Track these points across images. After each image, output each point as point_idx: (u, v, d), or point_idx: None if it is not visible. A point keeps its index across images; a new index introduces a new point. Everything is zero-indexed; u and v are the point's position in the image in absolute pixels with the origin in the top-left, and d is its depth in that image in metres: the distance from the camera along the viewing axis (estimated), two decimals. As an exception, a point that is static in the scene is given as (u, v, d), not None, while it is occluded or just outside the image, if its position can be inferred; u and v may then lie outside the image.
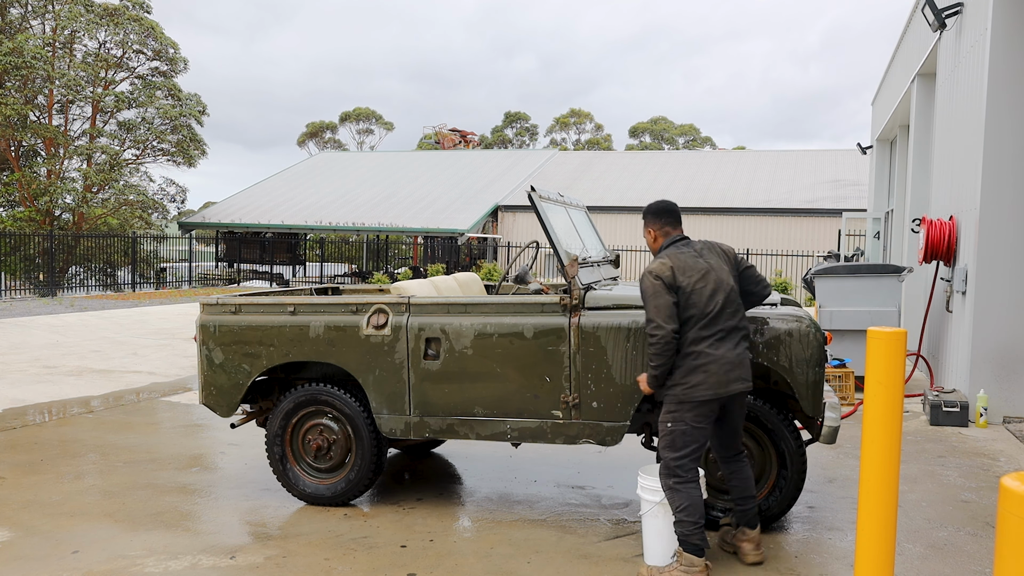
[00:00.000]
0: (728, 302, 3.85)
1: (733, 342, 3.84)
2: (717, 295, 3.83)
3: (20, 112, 24.44)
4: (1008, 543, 1.81)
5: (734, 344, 3.84)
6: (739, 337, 3.88)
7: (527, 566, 4.00)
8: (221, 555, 4.14)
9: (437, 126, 51.79)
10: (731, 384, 3.79)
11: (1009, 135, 7.23)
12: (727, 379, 3.78)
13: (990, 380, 7.31)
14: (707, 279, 3.84)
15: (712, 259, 3.93)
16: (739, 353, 3.84)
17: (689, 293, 3.81)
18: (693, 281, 3.82)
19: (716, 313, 3.81)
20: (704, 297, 3.81)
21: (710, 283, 3.83)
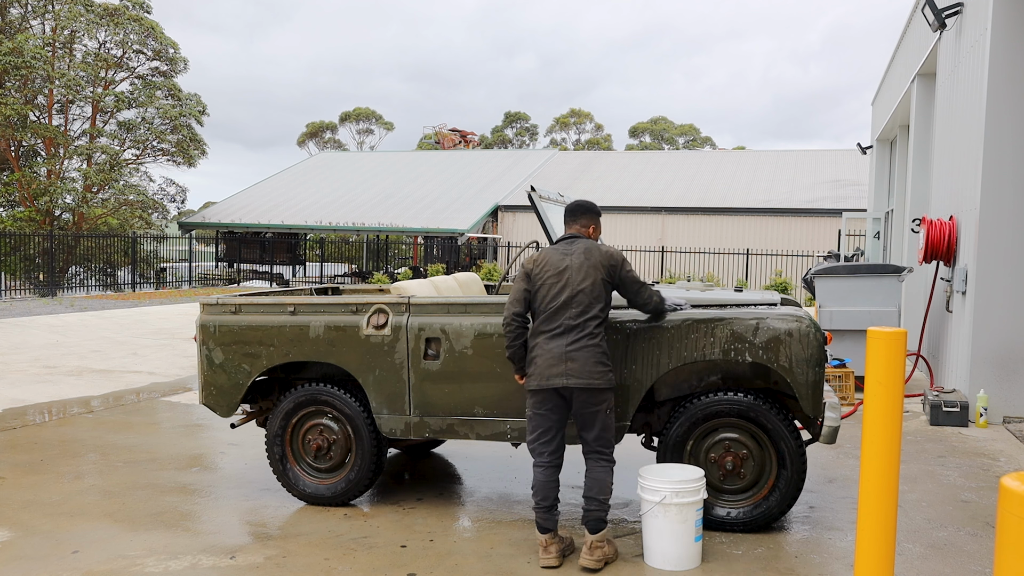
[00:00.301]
0: (573, 302, 3.98)
1: (567, 339, 3.96)
2: (562, 293, 4.00)
3: (20, 112, 24.44)
4: (1008, 543, 1.81)
5: (568, 342, 3.95)
6: (577, 336, 3.96)
7: (527, 566, 4.00)
8: (221, 555, 4.14)
9: (437, 126, 51.82)
10: (552, 378, 3.94)
11: (1009, 135, 7.23)
12: (548, 372, 3.95)
13: (990, 380, 7.31)
14: (560, 276, 4.02)
15: (576, 260, 4.04)
16: (569, 351, 3.94)
17: (538, 287, 4.05)
18: (546, 276, 4.04)
19: (555, 309, 3.99)
20: (550, 293, 4.01)
21: (561, 281, 4.01)
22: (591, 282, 3.99)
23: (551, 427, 4.05)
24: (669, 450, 4.46)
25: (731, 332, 4.34)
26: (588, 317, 3.98)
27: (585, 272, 4.00)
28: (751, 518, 4.42)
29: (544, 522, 4.01)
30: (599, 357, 3.97)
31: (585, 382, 3.93)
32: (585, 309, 3.98)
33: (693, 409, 4.42)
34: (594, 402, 3.98)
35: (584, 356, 3.94)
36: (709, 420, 4.43)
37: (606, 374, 3.98)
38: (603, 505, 4.01)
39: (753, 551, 4.20)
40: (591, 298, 3.99)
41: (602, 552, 3.96)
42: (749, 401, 4.37)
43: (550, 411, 4.03)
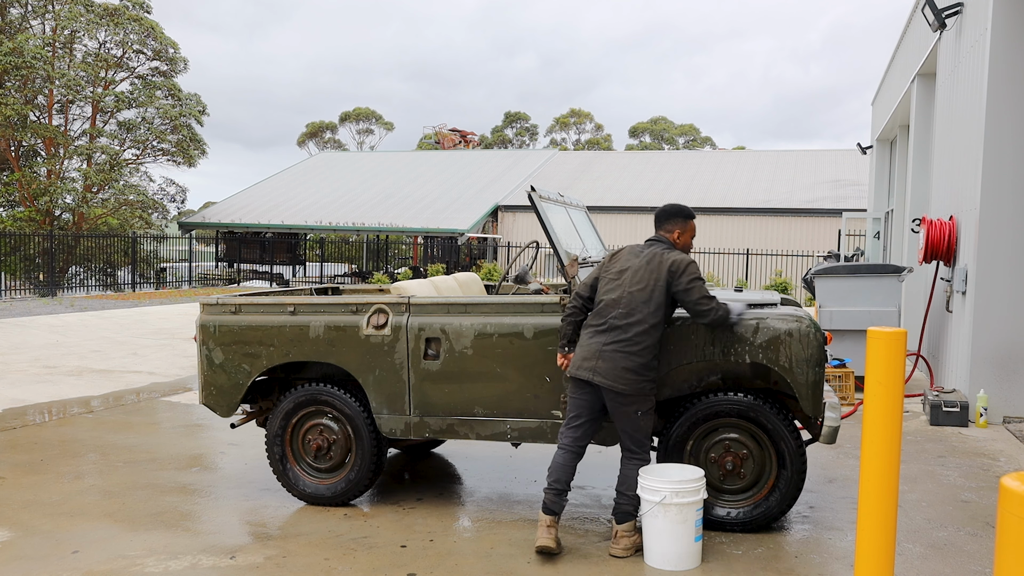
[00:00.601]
0: (621, 303, 4.07)
1: (606, 338, 4.07)
2: (614, 292, 4.11)
3: (20, 112, 24.45)
4: (1008, 543, 1.81)
5: (606, 340, 4.06)
6: (617, 337, 4.04)
7: (527, 566, 4.00)
8: (221, 555, 4.14)
9: (437, 126, 51.83)
10: (581, 369, 4.09)
11: (1009, 135, 7.23)
12: (581, 363, 4.10)
13: (990, 380, 7.31)
14: (620, 275, 4.15)
15: (639, 262, 4.13)
16: (604, 350, 4.05)
17: (602, 280, 4.22)
18: (610, 271, 4.20)
19: (605, 306, 4.13)
20: (605, 288, 4.17)
21: (618, 279, 4.13)
22: (646, 288, 4.05)
23: (579, 414, 4.17)
24: (669, 450, 4.46)
25: (731, 332, 4.34)
26: (632, 321, 4.04)
27: (642, 276, 4.08)
28: (751, 518, 4.42)
29: (551, 504, 4.10)
30: (632, 363, 4.02)
31: (610, 383, 4.02)
32: (630, 312, 4.05)
33: (693, 409, 4.42)
34: (622, 403, 4.07)
35: (616, 358, 4.03)
36: (709, 420, 4.43)
37: (637, 382, 4.03)
38: (631, 499, 4.12)
39: (753, 551, 4.20)
40: (640, 303, 4.05)
41: (628, 541, 4.11)
42: (749, 401, 4.37)
43: (581, 398, 4.15)
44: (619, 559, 4.07)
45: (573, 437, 4.19)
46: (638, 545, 4.13)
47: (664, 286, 4.06)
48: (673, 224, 4.29)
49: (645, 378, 4.07)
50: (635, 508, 4.13)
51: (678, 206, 4.32)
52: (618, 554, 4.09)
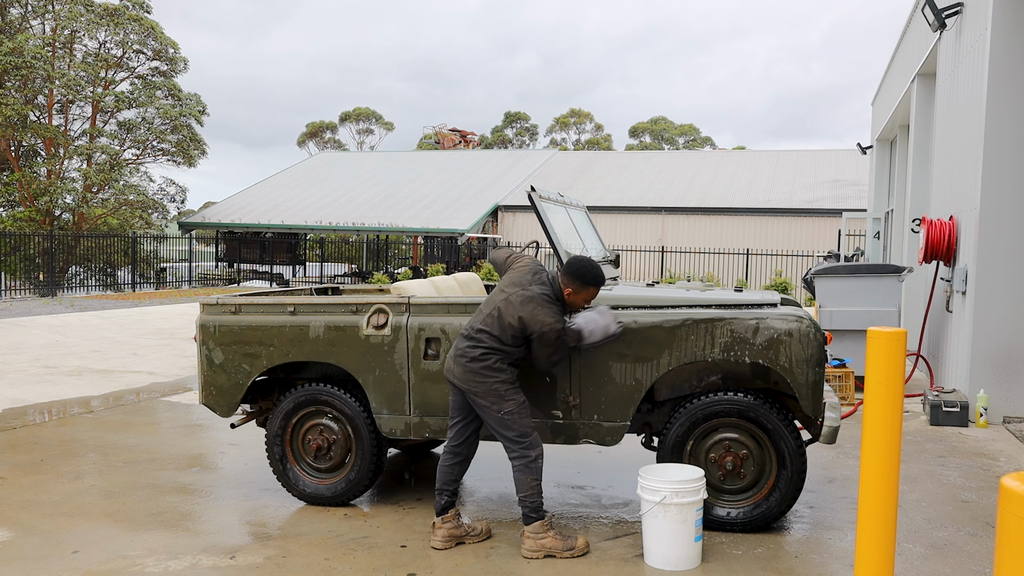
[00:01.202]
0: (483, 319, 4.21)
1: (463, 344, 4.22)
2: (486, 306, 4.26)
3: (20, 112, 24.45)
4: (1008, 543, 1.81)
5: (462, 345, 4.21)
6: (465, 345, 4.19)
7: (527, 566, 4.00)
8: (221, 555, 4.14)
9: (437, 126, 51.83)
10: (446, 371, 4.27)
11: (1009, 135, 7.23)
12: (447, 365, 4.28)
13: (990, 380, 7.31)
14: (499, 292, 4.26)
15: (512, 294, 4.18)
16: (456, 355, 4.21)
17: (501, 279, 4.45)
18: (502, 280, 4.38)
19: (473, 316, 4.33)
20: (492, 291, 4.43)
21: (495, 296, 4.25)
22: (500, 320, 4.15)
23: (453, 414, 4.34)
24: (669, 450, 4.46)
25: (731, 332, 4.34)
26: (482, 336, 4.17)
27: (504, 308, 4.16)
28: (751, 518, 4.42)
29: (436, 506, 4.29)
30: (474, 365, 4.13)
31: (463, 385, 4.17)
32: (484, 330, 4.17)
33: (693, 409, 4.42)
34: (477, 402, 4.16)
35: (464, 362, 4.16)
36: (709, 420, 4.43)
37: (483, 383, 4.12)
38: (524, 502, 4.14)
39: (753, 551, 4.20)
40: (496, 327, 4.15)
41: (533, 543, 4.10)
42: (749, 401, 4.37)
43: (453, 398, 4.32)
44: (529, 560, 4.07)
45: (450, 442, 4.32)
46: (549, 549, 4.08)
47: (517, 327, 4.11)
48: (569, 281, 4.16)
49: (494, 379, 4.12)
50: (532, 510, 4.11)
51: (589, 270, 4.14)
52: (525, 555, 4.10)
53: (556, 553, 4.08)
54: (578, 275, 4.15)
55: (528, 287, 4.17)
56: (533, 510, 4.13)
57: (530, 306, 4.10)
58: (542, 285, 4.19)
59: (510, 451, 4.17)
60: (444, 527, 4.23)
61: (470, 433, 4.31)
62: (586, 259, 4.20)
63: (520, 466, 4.14)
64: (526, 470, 4.13)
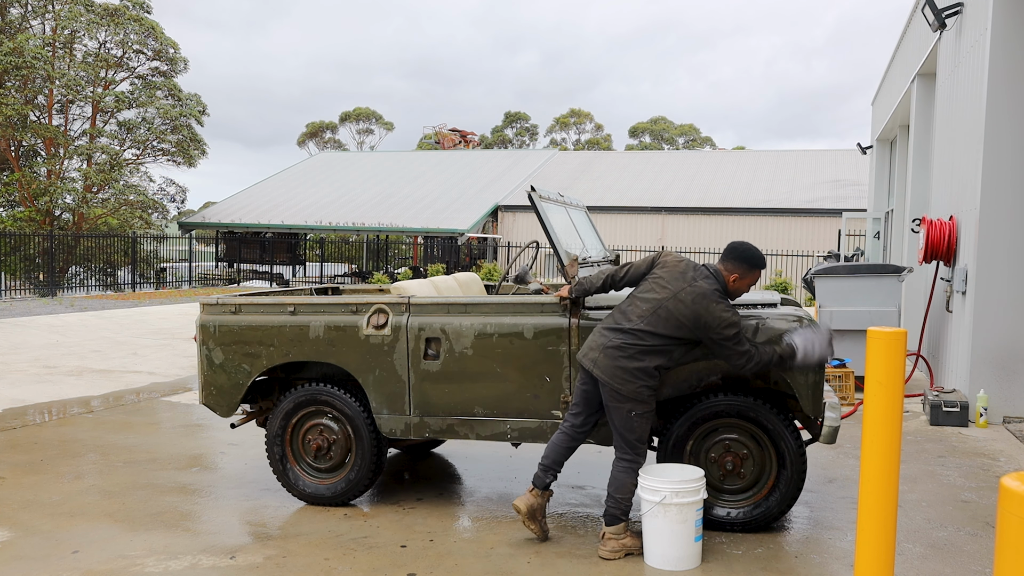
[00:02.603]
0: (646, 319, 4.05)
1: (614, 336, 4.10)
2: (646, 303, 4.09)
3: (20, 112, 24.45)
4: (1008, 543, 1.81)
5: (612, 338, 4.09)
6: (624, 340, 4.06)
7: (527, 566, 4.00)
8: (221, 555, 4.14)
9: (437, 126, 51.83)
10: (583, 357, 4.18)
11: (1009, 135, 7.23)
12: (584, 351, 4.19)
13: (990, 380, 7.31)
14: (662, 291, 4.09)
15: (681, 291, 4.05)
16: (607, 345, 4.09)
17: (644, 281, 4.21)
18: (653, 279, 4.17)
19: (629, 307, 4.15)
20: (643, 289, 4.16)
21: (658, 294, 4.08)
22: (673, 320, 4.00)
23: (577, 402, 4.25)
24: (669, 450, 4.46)
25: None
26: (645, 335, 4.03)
27: (674, 306, 4.01)
28: (751, 518, 4.42)
29: (535, 478, 4.26)
30: (630, 364, 4.02)
31: (606, 377, 4.06)
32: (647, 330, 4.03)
33: (693, 409, 4.42)
34: (615, 399, 4.07)
35: (615, 356, 4.04)
36: (709, 420, 4.43)
37: (630, 382, 4.03)
38: (618, 502, 4.11)
39: (753, 551, 4.20)
40: (662, 327, 4.01)
41: (616, 543, 4.09)
42: (749, 401, 4.37)
43: (582, 387, 4.22)
44: (608, 560, 4.06)
45: (571, 423, 4.27)
46: (629, 549, 4.10)
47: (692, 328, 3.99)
48: (736, 266, 4.10)
49: (642, 383, 4.04)
50: (622, 512, 4.11)
51: (755, 251, 4.13)
52: (604, 555, 4.08)
53: (634, 551, 4.11)
54: (744, 258, 4.12)
55: (695, 283, 4.02)
56: (624, 512, 4.13)
57: (704, 302, 3.96)
58: (708, 279, 4.06)
59: (622, 451, 4.15)
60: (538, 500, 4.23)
61: (594, 422, 4.29)
62: (746, 242, 4.21)
63: (626, 468, 4.14)
64: (631, 473, 4.13)
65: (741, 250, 4.13)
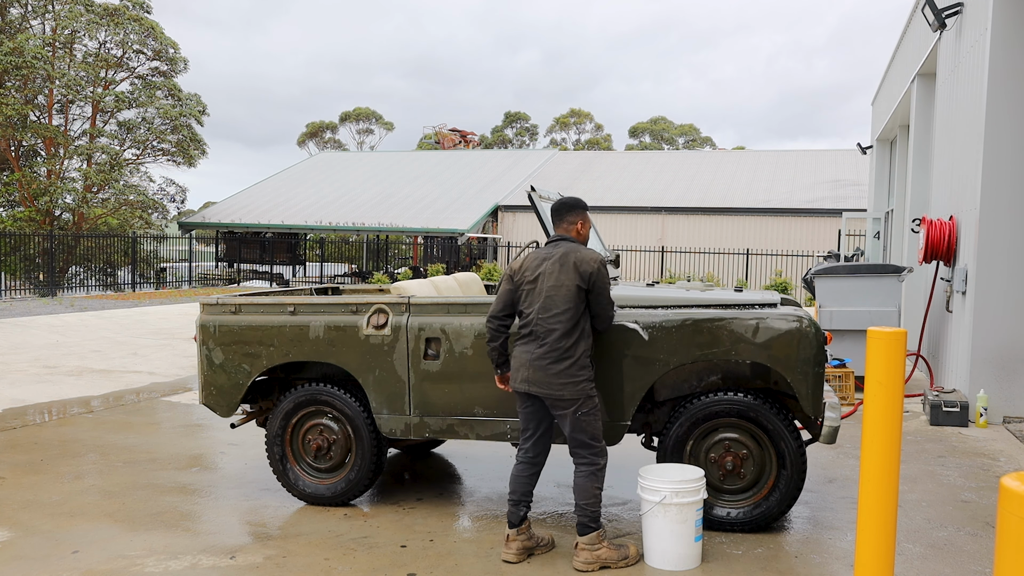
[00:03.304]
0: (544, 308, 3.96)
1: (534, 346, 3.97)
2: (536, 300, 3.99)
3: (20, 112, 24.44)
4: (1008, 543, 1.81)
5: (533, 348, 3.97)
6: (541, 343, 3.94)
7: (527, 566, 4.00)
8: (221, 555, 4.14)
9: (437, 126, 51.83)
10: (518, 382, 4.03)
11: (1009, 135, 7.23)
12: (516, 376, 4.04)
13: (990, 380, 7.31)
14: (535, 282, 4.02)
15: (550, 265, 3.99)
16: (533, 358, 3.94)
17: (519, 292, 4.10)
18: (525, 280, 4.06)
19: (528, 315, 4.02)
20: (527, 299, 4.05)
21: (536, 286, 4.01)
22: (563, 289, 3.94)
23: (527, 427, 4.14)
24: (669, 450, 4.46)
25: (731, 332, 4.34)
26: (552, 326, 3.93)
27: (556, 278, 3.95)
28: (751, 518, 4.42)
29: (511, 516, 4.09)
30: (563, 366, 3.91)
31: (545, 391, 3.95)
32: (557, 314, 3.93)
33: (693, 409, 4.42)
34: (560, 407, 3.97)
35: (544, 364, 3.92)
36: (709, 420, 4.43)
37: (569, 385, 3.91)
38: (583, 509, 3.97)
39: (753, 551, 4.20)
40: (561, 303, 3.93)
41: (589, 555, 3.93)
42: (749, 401, 4.37)
43: (525, 411, 4.11)
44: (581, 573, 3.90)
45: (524, 449, 4.14)
46: (604, 561, 3.93)
47: (580, 284, 3.93)
48: (574, 216, 4.12)
49: (580, 378, 3.94)
50: (591, 519, 3.96)
51: (572, 199, 4.16)
52: (578, 567, 3.92)
53: (611, 564, 3.94)
54: (575, 206, 4.15)
55: (554, 251, 4.02)
56: (593, 520, 3.97)
57: (574, 252, 3.97)
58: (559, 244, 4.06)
59: (578, 456, 4.01)
60: (519, 539, 4.05)
61: (547, 441, 4.16)
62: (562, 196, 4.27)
63: (587, 472, 3.99)
64: (592, 477, 3.98)
65: (569, 203, 4.15)
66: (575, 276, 3.94)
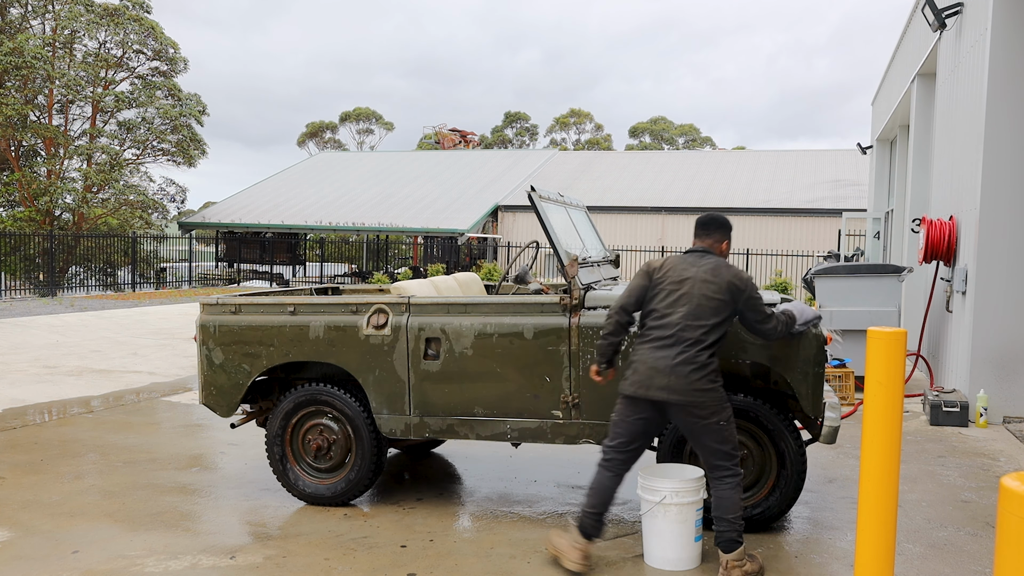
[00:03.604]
0: (691, 315, 3.86)
1: (675, 351, 3.83)
2: (680, 304, 3.88)
3: (20, 112, 24.44)
4: (1008, 543, 1.81)
5: (675, 354, 3.82)
6: (684, 349, 3.82)
7: (527, 566, 4.00)
8: (221, 555, 4.14)
9: (437, 126, 51.82)
10: (653, 389, 3.83)
11: (1009, 135, 7.23)
12: (650, 383, 3.85)
13: (990, 380, 7.31)
14: (681, 285, 3.92)
15: (702, 273, 3.92)
16: (675, 364, 3.81)
17: (656, 291, 3.98)
18: (667, 281, 3.96)
19: (670, 318, 3.88)
20: (667, 300, 3.93)
21: (680, 289, 3.90)
22: (714, 301, 3.87)
23: (633, 439, 3.97)
24: (669, 450, 4.46)
25: (731, 332, 4.33)
26: (701, 334, 3.85)
27: (710, 288, 3.88)
28: (751, 518, 4.42)
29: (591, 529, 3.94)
30: (705, 373, 3.82)
31: (687, 399, 3.80)
32: (700, 325, 3.85)
33: (693, 409, 4.41)
34: (697, 415, 3.81)
35: (686, 372, 3.80)
36: (709, 420, 4.43)
37: (709, 392, 3.81)
38: (732, 524, 3.81)
39: (753, 551, 4.20)
40: (709, 315, 3.86)
41: (740, 572, 3.78)
42: (749, 401, 4.37)
43: (637, 421, 3.94)
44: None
45: (620, 461, 3.97)
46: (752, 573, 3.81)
47: (727, 299, 3.88)
48: (721, 235, 4.11)
49: (719, 386, 3.85)
50: (739, 534, 3.80)
51: (723, 218, 4.17)
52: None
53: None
54: (724, 225, 4.14)
55: (702, 262, 3.97)
56: (740, 534, 3.82)
57: (726, 269, 3.93)
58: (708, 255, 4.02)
59: (721, 468, 3.85)
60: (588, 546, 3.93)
61: (641, 450, 4.03)
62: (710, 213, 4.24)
63: (733, 484, 3.84)
64: (738, 488, 3.83)
65: (720, 220, 4.15)
66: (727, 292, 3.89)
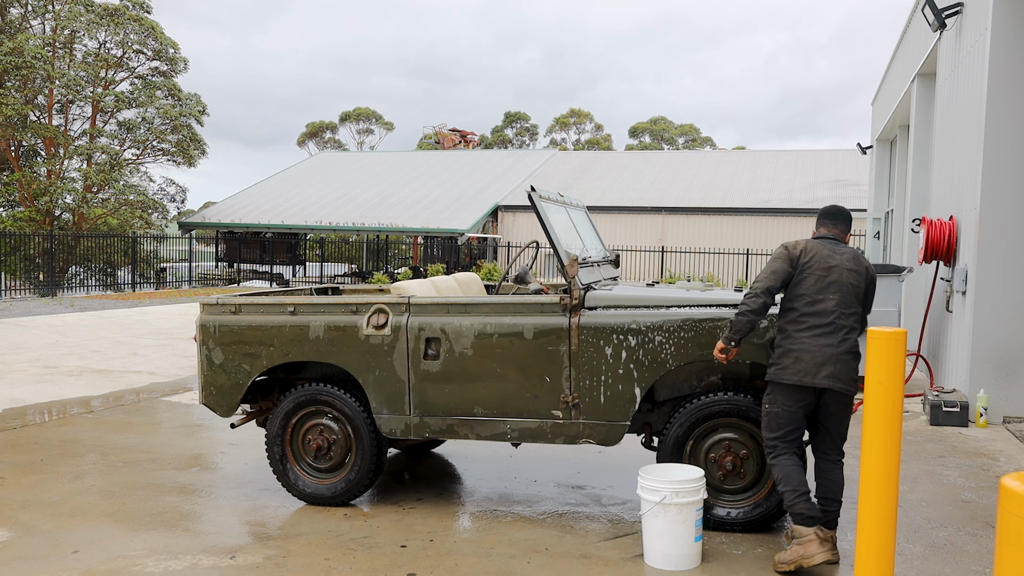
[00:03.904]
0: (844, 303, 3.95)
1: (837, 339, 3.91)
2: (833, 290, 3.95)
3: (20, 112, 24.43)
4: (1008, 543, 1.81)
5: (838, 341, 3.91)
6: (845, 336, 3.93)
7: (527, 566, 4.00)
8: (221, 555, 4.14)
9: (437, 126, 51.83)
10: (819, 377, 3.89)
11: (1009, 135, 7.23)
12: (817, 370, 3.89)
13: (990, 380, 7.31)
14: (830, 272, 3.98)
15: (847, 261, 4.02)
16: (840, 351, 3.90)
17: (804, 276, 3.98)
18: (814, 267, 3.98)
19: (823, 303, 3.94)
20: (817, 285, 3.97)
21: (830, 276, 3.97)
22: (858, 289, 4.01)
23: (798, 426, 4.04)
24: (669, 450, 4.46)
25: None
26: (853, 321, 3.99)
27: (856, 276, 4.01)
28: (751, 518, 4.43)
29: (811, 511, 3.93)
30: (858, 362, 3.97)
31: (847, 388, 3.94)
32: (854, 312, 4.00)
33: (693, 409, 4.42)
34: (846, 403, 4.02)
35: (849, 360, 3.93)
36: (709, 420, 4.44)
37: (857, 380, 3.96)
38: (840, 504, 4.06)
39: (753, 551, 4.20)
40: (857, 301, 4.01)
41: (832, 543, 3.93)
42: (749, 401, 4.37)
43: (801, 407, 4.01)
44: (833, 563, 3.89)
45: (798, 445, 4.07)
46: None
47: (864, 287, 4.05)
48: (847, 227, 4.23)
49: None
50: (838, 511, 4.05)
51: (848, 212, 4.28)
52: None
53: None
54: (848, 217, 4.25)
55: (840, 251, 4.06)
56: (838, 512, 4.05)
57: (862, 258, 4.08)
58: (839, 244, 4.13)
59: (838, 452, 4.07)
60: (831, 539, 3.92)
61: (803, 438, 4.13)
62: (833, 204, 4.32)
63: (841, 467, 4.07)
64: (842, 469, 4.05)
65: (846, 212, 4.25)
66: (865, 280, 4.04)
